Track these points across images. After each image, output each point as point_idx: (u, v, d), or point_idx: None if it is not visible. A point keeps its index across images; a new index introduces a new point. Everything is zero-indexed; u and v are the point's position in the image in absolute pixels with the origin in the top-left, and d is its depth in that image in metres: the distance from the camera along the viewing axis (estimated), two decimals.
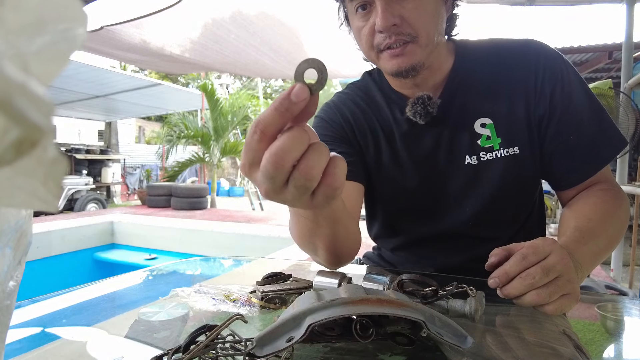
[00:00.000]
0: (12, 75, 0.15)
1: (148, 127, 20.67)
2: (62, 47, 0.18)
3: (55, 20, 0.18)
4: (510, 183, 0.85)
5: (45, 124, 0.16)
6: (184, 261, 1.19)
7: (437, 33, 0.79)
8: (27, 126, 0.15)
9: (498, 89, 0.84)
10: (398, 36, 0.75)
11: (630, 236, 3.33)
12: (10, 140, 0.15)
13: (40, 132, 0.15)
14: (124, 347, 0.58)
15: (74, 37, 0.19)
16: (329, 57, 5.28)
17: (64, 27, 0.18)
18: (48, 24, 0.18)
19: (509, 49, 0.87)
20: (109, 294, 0.90)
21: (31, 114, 0.15)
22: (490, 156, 0.84)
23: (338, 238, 0.68)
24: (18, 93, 0.15)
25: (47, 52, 0.18)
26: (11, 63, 0.15)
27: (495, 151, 0.83)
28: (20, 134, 0.15)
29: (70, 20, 0.18)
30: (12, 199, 0.17)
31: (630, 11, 3.29)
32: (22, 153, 0.15)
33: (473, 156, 0.85)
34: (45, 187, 0.17)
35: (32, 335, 0.64)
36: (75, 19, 0.19)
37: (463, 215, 0.87)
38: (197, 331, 0.47)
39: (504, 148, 0.83)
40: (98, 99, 9.63)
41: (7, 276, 0.38)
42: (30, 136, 0.15)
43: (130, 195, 12.96)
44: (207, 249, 4.94)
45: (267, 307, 0.69)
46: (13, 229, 0.37)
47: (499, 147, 0.83)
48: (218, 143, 9.35)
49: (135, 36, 4.49)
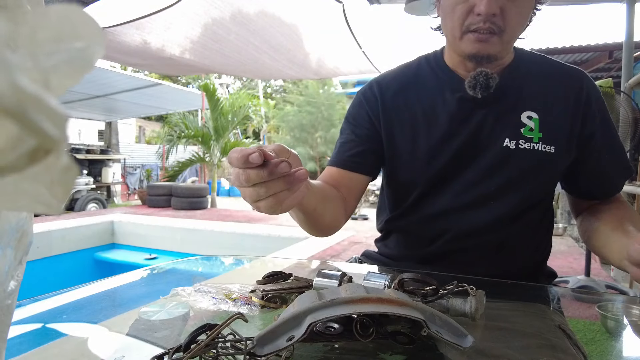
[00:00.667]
0: (26, 87, 0.15)
1: (148, 127, 20.69)
2: (77, 65, 0.19)
3: (72, 38, 0.19)
4: (538, 175, 0.91)
5: (59, 135, 0.16)
6: (184, 260, 1.20)
7: (519, 33, 0.88)
8: (41, 136, 0.15)
9: (548, 92, 0.92)
10: (491, 25, 0.82)
11: None
12: (25, 150, 0.15)
13: (53, 142, 0.16)
14: (125, 346, 0.58)
15: (89, 56, 0.19)
16: (328, 55, 5.28)
17: (81, 46, 0.19)
18: (65, 41, 0.18)
19: (559, 65, 0.97)
20: (110, 293, 0.91)
21: (45, 125, 0.15)
22: (528, 146, 0.89)
23: (316, 220, 0.85)
24: (32, 105, 0.15)
25: (62, 68, 0.18)
26: (27, 76, 0.16)
27: (534, 143, 0.89)
28: (34, 143, 0.15)
29: (87, 39, 0.19)
30: (15, 203, 0.18)
31: (631, 11, 3.29)
32: (35, 161, 0.16)
33: (512, 141, 0.90)
34: (51, 192, 0.17)
35: (33, 330, 0.65)
36: (91, 37, 0.19)
37: (486, 191, 0.91)
38: (198, 330, 0.48)
39: (543, 144, 0.89)
40: (98, 98, 9.62)
41: (8, 276, 0.38)
42: (44, 145, 0.16)
43: (130, 195, 12.96)
44: (208, 249, 4.94)
45: (267, 306, 0.69)
46: (14, 229, 0.37)
47: (538, 140, 0.89)
48: (218, 143, 9.35)
49: (136, 37, 4.50)
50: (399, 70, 1.04)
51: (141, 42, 4.60)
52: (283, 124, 16.45)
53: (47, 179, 0.17)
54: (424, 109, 0.95)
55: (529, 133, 0.89)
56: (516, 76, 0.93)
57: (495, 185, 0.91)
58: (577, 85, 0.92)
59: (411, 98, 0.97)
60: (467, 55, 0.87)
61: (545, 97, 0.92)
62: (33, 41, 0.18)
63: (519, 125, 0.90)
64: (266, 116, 18.78)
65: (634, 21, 3.30)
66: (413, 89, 0.98)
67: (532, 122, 0.90)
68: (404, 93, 0.98)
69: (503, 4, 0.80)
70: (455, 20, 0.85)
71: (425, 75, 0.99)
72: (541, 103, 0.91)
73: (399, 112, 0.97)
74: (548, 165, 0.90)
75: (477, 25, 0.82)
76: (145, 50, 4.83)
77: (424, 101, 0.96)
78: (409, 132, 0.96)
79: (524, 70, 0.94)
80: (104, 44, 0.19)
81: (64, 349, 0.58)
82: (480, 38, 0.83)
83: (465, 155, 0.92)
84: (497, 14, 0.80)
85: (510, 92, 0.92)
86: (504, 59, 0.93)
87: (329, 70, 5.78)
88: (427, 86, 0.97)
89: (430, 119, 0.94)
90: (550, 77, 0.94)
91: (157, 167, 14.10)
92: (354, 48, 4.90)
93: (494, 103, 0.91)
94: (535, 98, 0.91)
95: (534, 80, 0.93)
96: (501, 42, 0.84)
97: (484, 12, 0.80)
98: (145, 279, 1.00)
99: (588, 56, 5.75)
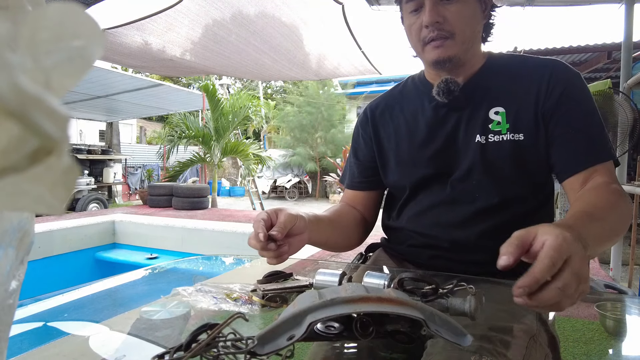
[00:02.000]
0: (27, 88, 0.15)
1: (149, 127, 20.69)
2: (77, 64, 0.19)
3: (72, 37, 0.19)
4: (513, 164, 0.95)
5: (60, 136, 0.16)
6: (185, 260, 1.20)
7: (472, 34, 0.96)
8: (43, 137, 0.15)
9: (515, 88, 0.98)
10: (440, 31, 0.92)
11: (630, 235, 3.33)
12: (27, 150, 0.15)
13: (54, 143, 0.16)
14: (126, 345, 0.59)
15: (89, 55, 0.19)
16: (328, 56, 5.28)
17: (80, 45, 0.19)
18: (64, 40, 0.18)
19: (533, 60, 1.01)
20: (111, 293, 0.91)
21: (46, 126, 0.15)
22: (497, 138, 0.96)
23: (331, 244, 1.06)
24: (33, 105, 0.15)
25: (62, 67, 0.18)
26: (28, 77, 0.16)
27: (502, 135, 0.96)
28: (36, 144, 0.15)
29: (86, 38, 0.19)
30: (16, 204, 0.18)
31: (630, 11, 3.29)
32: (37, 161, 0.16)
33: (483, 136, 0.97)
34: (52, 192, 0.17)
35: (35, 329, 0.65)
36: (91, 36, 0.19)
37: (469, 187, 0.98)
38: (199, 329, 0.48)
39: (511, 133, 0.95)
40: (99, 99, 9.63)
41: (9, 276, 0.38)
42: (45, 146, 0.16)
43: (131, 195, 12.97)
44: (208, 249, 4.94)
45: (268, 305, 0.69)
46: (15, 229, 0.38)
47: (506, 131, 0.96)
48: (219, 143, 9.34)
49: (137, 38, 4.50)
50: (388, 92, 1.18)
51: (142, 43, 4.61)
52: (283, 124, 16.43)
53: (48, 180, 0.17)
54: (407, 118, 1.08)
55: (497, 127, 0.97)
56: (486, 77, 1.01)
57: (476, 180, 0.98)
58: (545, 72, 0.96)
59: (396, 112, 1.11)
60: (432, 63, 0.97)
61: (513, 91, 0.98)
62: (33, 41, 0.18)
63: (487, 122, 0.97)
64: (266, 117, 18.78)
65: (633, 22, 3.31)
66: (398, 104, 1.12)
67: (499, 117, 0.97)
68: (390, 109, 1.13)
69: (442, 11, 0.92)
70: (414, 37, 0.98)
71: (409, 90, 1.12)
72: (509, 97, 0.97)
73: (385, 125, 1.12)
74: (521, 152, 0.95)
75: (429, 36, 0.94)
76: (146, 51, 4.83)
77: (406, 112, 1.09)
78: (394, 140, 1.10)
79: (495, 71, 1.01)
80: (103, 43, 0.20)
81: (65, 347, 0.59)
82: (435, 45, 0.94)
83: (445, 156, 1.01)
84: (440, 21, 0.91)
85: (479, 93, 0.99)
86: (473, 63, 1.01)
87: (329, 71, 5.78)
88: (409, 99, 1.11)
89: (411, 127, 1.07)
90: (519, 73, 1.00)
91: (158, 167, 14.12)
92: (354, 49, 4.90)
93: (465, 106, 1.00)
94: (503, 94, 0.98)
95: (503, 79, 1.00)
96: (455, 43, 0.94)
97: (428, 22, 0.92)
98: (146, 278, 1.00)
99: (587, 57, 5.75)
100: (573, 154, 0.93)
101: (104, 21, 3.99)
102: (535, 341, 0.69)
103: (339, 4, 4.13)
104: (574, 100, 0.94)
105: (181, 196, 7.40)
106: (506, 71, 1.01)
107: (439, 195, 1.01)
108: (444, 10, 0.92)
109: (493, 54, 1.05)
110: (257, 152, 10.42)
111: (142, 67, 6.09)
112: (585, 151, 0.92)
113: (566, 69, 0.97)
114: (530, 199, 0.98)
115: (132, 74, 8.59)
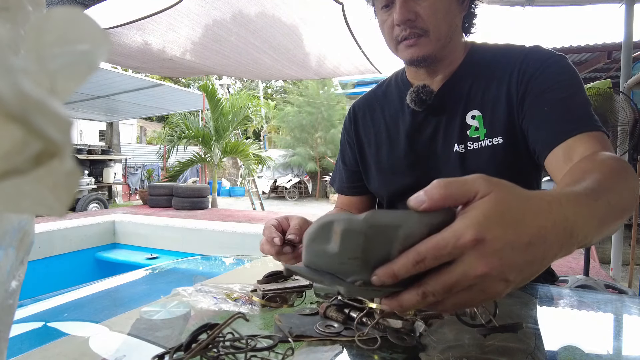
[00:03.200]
0: (30, 92, 0.15)
1: (149, 127, 20.69)
2: (81, 68, 0.19)
3: (76, 41, 0.19)
4: (495, 171, 0.86)
5: (63, 140, 0.16)
6: (185, 260, 1.20)
7: (449, 29, 0.87)
8: (46, 141, 0.16)
9: (491, 84, 0.90)
10: (412, 29, 0.85)
11: (630, 235, 3.32)
12: (30, 153, 0.15)
13: (57, 147, 0.16)
14: (126, 346, 0.59)
15: (93, 59, 0.19)
16: (328, 55, 5.28)
17: (85, 48, 0.19)
18: (69, 44, 0.19)
19: (514, 49, 0.91)
20: (111, 293, 0.91)
21: (49, 130, 0.16)
22: (475, 145, 0.89)
23: None
24: (36, 109, 0.15)
25: (66, 71, 0.19)
26: (31, 80, 0.16)
27: (481, 141, 0.89)
28: (39, 147, 0.15)
29: (91, 42, 0.19)
30: (17, 205, 0.18)
31: (630, 11, 3.29)
32: (40, 165, 0.16)
33: (461, 145, 0.91)
34: (54, 194, 0.17)
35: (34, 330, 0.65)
36: (95, 41, 0.19)
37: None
38: (199, 330, 0.48)
39: (488, 138, 0.88)
40: (99, 99, 9.63)
41: (9, 276, 0.38)
42: (48, 150, 0.16)
43: (131, 195, 12.97)
44: (208, 249, 4.94)
45: (268, 305, 0.69)
46: (16, 229, 0.38)
47: (484, 137, 0.89)
48: (219, 143, 9.35)
49: (137, 38, 4.50)
50: (372, 91, 1.11)
51: (142, 43, 4.60)
52: (283, 124, 16.45)
53: (50, 182, 0.17)
54: (387, 123, 1.02)
55: (475, 133, 0.90)
56: (463, 78, 0.93)
57: None
58: (517, 59, 0.87)
59: (377, 114, 1.05)
60: (407, 62, 0.91)
61: (488, 91, 0.90)
62: (37, 44, 0.18)
63: (464, 128, 0.91)
64: (266, 117, 18.79)
65: (633, 22, 3.30)
66: (379, 107, 1.06)
67: (475, 121, 0.90)
68: (372, 112, 1.07)
69: (414, 6, 0.84)
70: (387, 36, 0.91)
71: (392, 91, 1.05)
72: (485, 99, 0.90)
73: (366, 130, 1.07)
74: (503, 156, 0.87)
75: (402, 35, 0.86)
76: (146, 51, 4.83)
77: (387, 116, 1.03)
78: (374, 146, 1.05)
79: (472, 70, 0.93)
80: (108, 47, 0.20)
81: (65, 348, 0.59)
82: (408, 44, 0.87)
83: (424, 166, 0.95)
84: (412, 19, 0.84)
85: (456, 97, 0.92)
86: (452, 59, 0.93)
87: (329, 70, 5.78)
88: (391, 101, 1.04)
89: (392, 133, 1.01)
90: (495, 68, 0.90)
91: (158, 168, 14.12)
92: (354, 48, 4.90)
93: (442, 111, 0.93)
94: (479, 95, 0.90)
95: (480, 77, 0.91)
96: (430, 41, 0.86)
97: (399, 20, 0.84)
98: (147, 278, 1.00)
99: (587, 56, 5.75)
100: (550, 129, 0.79)
101: (103, 21, 3.98)
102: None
103: (339, 3, 4.13)
104: (548, 79, 0.82)
105: (181, 196, 7.40)
106: (484, 68, 0.92)
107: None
108: (415, 5, 0.84)
109: (475, 46, 0.96)
110: (257, 152, 10.43)
111: (142, 68, 6.09)
112: (564, 122, 0.78)
113: (541, 51, 0.87)
114: None
115: (132, 74, 8.59)
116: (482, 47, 0.96)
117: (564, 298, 0.83)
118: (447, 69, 0.94)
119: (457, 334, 0.57)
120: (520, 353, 0.54)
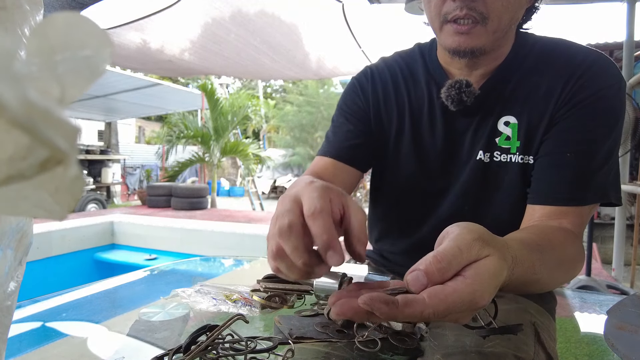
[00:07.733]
0: (36, 100, 0.15)
1: (148, 127, 20.67)
2: (84, 73, 0.19)
3: (80, 47, 0.19)
4: (515, 193, 0.77)
5: (69, 148, 0.16)
6: (184, 261, 1.19)
7: (509, 22, 0.72)
8: (52, 149, 0.16)
9: (535, 91, 0.76)
10: (470, 11, 0.68)
11: (632, 235, 3.33)
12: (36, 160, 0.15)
13: (63, 154, 0.16)
14: (125, 347, 0.58)
15: (97, 65, 0.19)
16: (328, 55, 5.28)
17: (88, 54, 0.19)
18: (72, 49, 0.18)
19: (571, 51, 0.77)
20: (110, 294, 0.90)
21: (55, 138, 0.15)
22: (504, 158, 0.77)
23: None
24: (42, 118, 0.15)
25: (70, 77, 0.18)
26: (35, 87, 0.16)
27: (511, 154, 0.77)
28: (46, 154, 0.15)
29: (94, 48, 0.19)
30: (17, 209, 0.18)
31: (631, 10, 3.29)
32: (45, 170, 0.16)
33: (487, 153, 0.78)
34: (55, 198, 0.17)
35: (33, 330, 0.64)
36: (99, 46, 0.19)
37: (460, 210, 0.81)
38: (198, 331, 0.47)
39: (520, 154, 0.76)
40: (98, 99, 9.62)
41: (8, 277, 0.38)
42: (55, 157, 0.16)
43: (130, 195, 12.96)
44: (208, 249, 4.94)
45: (267, 306, 0.69)
46: (14, 230, 0.37)
47: (516, 151, 0.76)
48: (218, 143, 9.34)
49: (135, 38, 4.49)
50: (394, 60, 0.92)
51: (140, 42, 4.60)
52: (283, 124, 16.46)
53: (51, 186, 0.17)
54: (412, 108, 0.86)
55: (505, 142, 0.77)
56: (506, 77, 0.78)
57: (468, 204, 0.80)
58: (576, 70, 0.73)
59: (401, 93, 0.88)
60: (449, 50, 0.73)
61: (530, 96, 0.76)
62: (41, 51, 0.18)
63: (494, 134, 0.78)
64: (266, 116, 18.79)
65: (635, 20, 3.30)
66: (404, 83, 0.88)
67: (509, 129, 0.77)
68: (396, 86, 0.89)
69: None
70: (432, 10, 0.73)
71: (418, 70, 0.88)
72: (524, 105, 0.76)
73: (388, 108, 0.88)
74: (527, 179, 0.76)
75: (454, 14, 0.69)
76: (144, 51, 4.82)
77: (412, 99, 0.86)
78: (395, 129, 0.88)
79: (518, 68, 0.78)
80: (111, 52, 0.19)
81: (64, 349, 0.58)
82: (459, 29, 0.70)
83: (444, 168, 0.83)
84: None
85: (495, 97, 0.78)
86: (499, 54, 0.78)
87: (329, 70, 5.78)
88: (417, 82, 0.87)
89: (415, 122, 0.86)
90: (546, 68, 0.76)
91: (156, 168, 14.11)
92: (354, 48, 4.89)
93: (477, 112, 0.79)
94: (520, 99, 0.77)
95: (522, 78, 0.77)
96: (486, 32, 0.69)
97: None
98: (146, 279, 1.00)
99: None
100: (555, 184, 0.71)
101: (101, 21, 3.98)
102: None
103: (339, 2, 4.13)
104: (591, 116, 0.71)
105: (180, 196, 7.39)
106: (531, 65, 0.78)
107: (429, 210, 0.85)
108: None
109: (524, 37, 0.80)
110: (256, 151, 10.42)
111: (141, 69, 6.09)
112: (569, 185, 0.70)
113: (603, 72, 0.73)
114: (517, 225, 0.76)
115: (130, 74, 8.58)
116: (529, 41, 0.80)
117: (565, 299, 0.83)
118: (491, 64, 0.78)
119: (458, 336, 0.57)
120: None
